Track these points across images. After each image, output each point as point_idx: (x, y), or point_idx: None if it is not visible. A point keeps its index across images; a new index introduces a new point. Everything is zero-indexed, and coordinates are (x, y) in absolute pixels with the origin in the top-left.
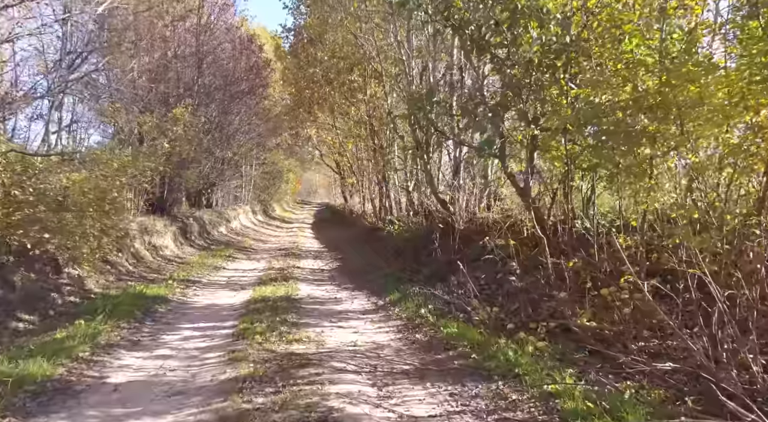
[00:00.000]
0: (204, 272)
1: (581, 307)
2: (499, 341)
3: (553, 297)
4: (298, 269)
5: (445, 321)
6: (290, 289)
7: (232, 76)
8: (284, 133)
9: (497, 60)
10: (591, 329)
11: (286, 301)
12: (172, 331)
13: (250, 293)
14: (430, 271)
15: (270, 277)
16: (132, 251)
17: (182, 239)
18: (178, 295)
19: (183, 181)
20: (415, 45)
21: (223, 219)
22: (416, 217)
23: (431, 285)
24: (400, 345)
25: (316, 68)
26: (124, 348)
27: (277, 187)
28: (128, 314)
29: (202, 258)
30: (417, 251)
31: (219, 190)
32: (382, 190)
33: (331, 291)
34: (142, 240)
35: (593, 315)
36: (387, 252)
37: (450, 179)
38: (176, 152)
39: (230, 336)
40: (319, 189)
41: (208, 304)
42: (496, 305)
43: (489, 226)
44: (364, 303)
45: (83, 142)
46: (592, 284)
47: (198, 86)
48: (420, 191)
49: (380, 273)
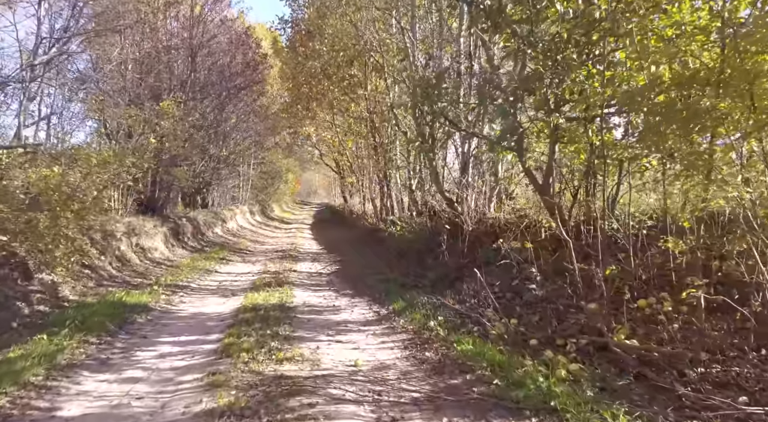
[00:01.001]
0: (194, 276)
1: (617, 321)
2: (524, 362)
3: (582, 309)
4: (294, 273)
5: (458, 336)
6: (285, 296)
7: (228, 72)
8: (282, 131)
9: (517, 38)
10: (633, 349)
11: (280, 310)
12: (148, 346)
13: (241, 300)
14: (436, 276)
15: (264, 282)
16: (117, 253)
17: (174, 240)
18: (162, 302)
19: (175, 180)
20: (419, 37)
21: (219, 220)
22: (420, 217)
23: (438, 292)
24: (407, 365)
25: (315, 61)
26: (87, 368)
27: (276, 187)
28: (100, 326)
29: (193, 261)
30: (421, 254)
31: (215, 190)
32: (383, 189)
33: (329, 298)
34: (129, 242)
35: (632, 331)
36: (389, 255)
37: (457, 177)
38: (165, 148)
39: (213, 352)
40: (318, 189)
41: (194, 313)
42: (513, 316)
43: (501, 227)
44: (365, 312)
45: (69, 138)
46: (629, 295)
47: (191, 81)
48: (424, 190)
49: (382, 278)
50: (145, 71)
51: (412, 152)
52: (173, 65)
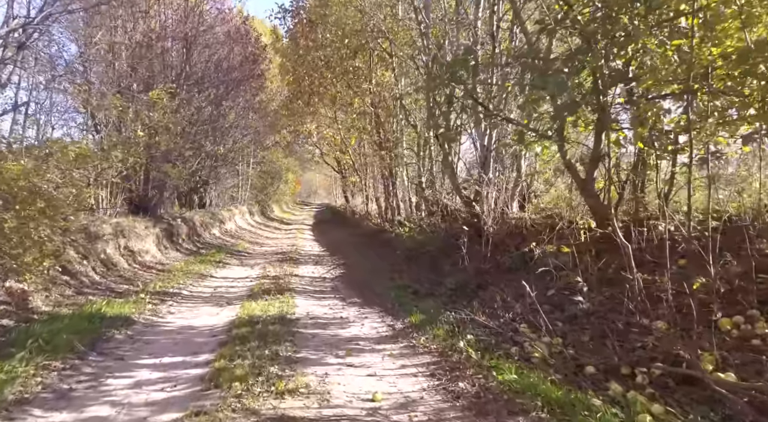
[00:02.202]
0: (187, 282)
1: (699, 345)
2: (590, 400)
3: (646, 328)
4: (296, 278)
5: (494, 360)
6: (286, 305)
7: (226, 64)
8: (283, 130)
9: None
10: (739, 388)
11: (280, 323)
12: (123, 372)
13: (237, 310)
14: (454, 283)
15: (263, 288)
16: (102, 257)
17: (167, 242)
18: (147, 313)
19: (170, 178)
20: (431, 24)
21: (217, 220)
22: (431, 217)
23: (458, 302)
24: (438, 400)
25: (318, 52)
26: (41, 404)
27: (276, 187)
28: (68, 345)
29: (187, 264)
30: (435, 258)
31: (213, 189)
32: (389, 188)
33: (335, 308)
34: (116, 244)
35: (722, 360)
36: (396, 258)
37: (469, 174)
38: (155, 142)
39: (200, 380)
40: (319, 190)
41: (182, 326)
42: (556, 334)
43: (527, 229)
44: (377, 326)
45: (51, 131)
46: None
47: (186, 73)
48: (435, 188)
49: (391, 284)
50: (136, 60)
51: (424, 146)
52: (167, 56)
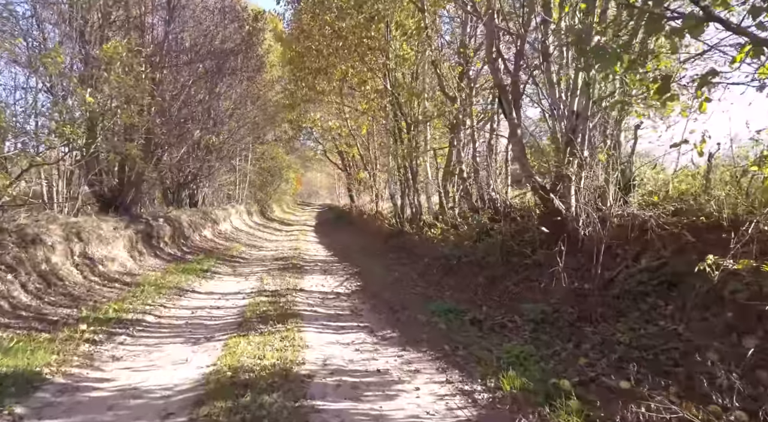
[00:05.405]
0: (157, 301)
1: None
2: None
3: None
4: (301, 294)
5: None
6: (290, 345)
7: (218, 40)
8: (283, 124)
9: None
10: None
11: (282, 390)
12: None
13: (218, 353)
14: (538, 312)
15: (258, 312)
16: (42, 268)
17: (144, 246)
18: (74, 364)
19: (149, 170)
20: None
21: (209, 221)
22: (476, 215)
23: (553, 343)
24: None
25: (326, 15)
26: None
27: (276, 186)
28: None
29: (165, 275)
30: (497, 274)
31: (206, 186)
32: (408, 182)
33: (363, 349)
34: (67, 251)
35: None
36: (427, 268)
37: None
38: (108, 112)
39: None
40: (320, 190)
41: (122, 391)
42: None
43: (654, 231)
44: (443, 393)
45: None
46: None
47: (168, 42)
48: (479, 180)
49: (433, 306)
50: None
51: (462, 123)
52: (144, 21)
